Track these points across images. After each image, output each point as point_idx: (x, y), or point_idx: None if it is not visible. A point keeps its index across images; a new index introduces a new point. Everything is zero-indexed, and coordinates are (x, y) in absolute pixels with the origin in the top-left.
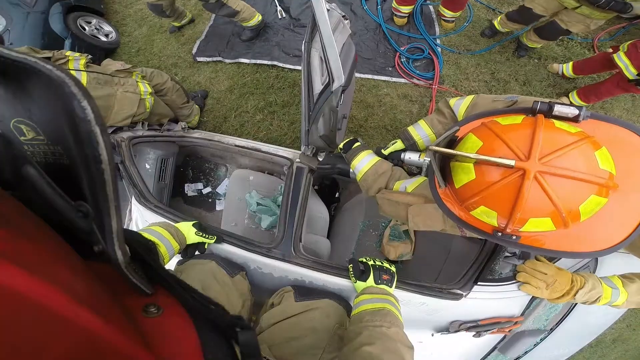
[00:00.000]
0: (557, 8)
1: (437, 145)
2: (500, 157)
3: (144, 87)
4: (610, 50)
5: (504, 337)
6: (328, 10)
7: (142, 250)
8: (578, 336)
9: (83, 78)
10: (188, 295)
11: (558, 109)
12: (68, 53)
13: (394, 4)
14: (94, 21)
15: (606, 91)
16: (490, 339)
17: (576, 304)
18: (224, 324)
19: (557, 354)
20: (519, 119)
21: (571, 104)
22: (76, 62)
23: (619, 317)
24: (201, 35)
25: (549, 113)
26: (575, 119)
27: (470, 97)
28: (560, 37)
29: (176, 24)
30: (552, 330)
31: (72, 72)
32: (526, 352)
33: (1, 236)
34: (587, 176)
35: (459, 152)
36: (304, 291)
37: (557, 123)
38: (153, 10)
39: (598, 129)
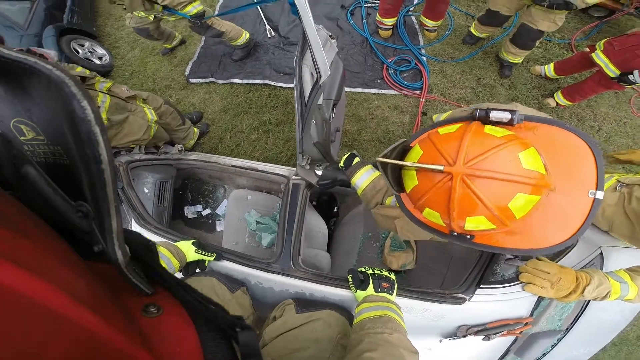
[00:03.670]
0: (519, 7)
1: (384, 156)
2: (433, 164)
3: (150, 115)
4: (587, 49)
5: (516, 339)
6: (317, 30)
7: (142, 250)
8: (596, 335)
9: (107, 101)
10: (188, 295)
11: (493, 115)
12: (87, 72)
13: (378, 17)
14: (87, 44)
15: (589, 89)
16: (501, 341)
17: (589, 302)
18: (224, 324)
19: (578, 354)
20: (455, 127)
21: (552, 109)
22: (102, 84)
23: (638, 314)
24: (193, 57)
25: (486, 119)
26: (510, 123)
27: (447, 113)
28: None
29: (167, 46)
30: (568, 330)
31: (99, 93)
32: (544, 354)
33: (1, 236)
34: (510, 176)
35: (395, 161)
36: (305, 303)
37: (487, 128)
38: (140, 34)
39: (540, 130)
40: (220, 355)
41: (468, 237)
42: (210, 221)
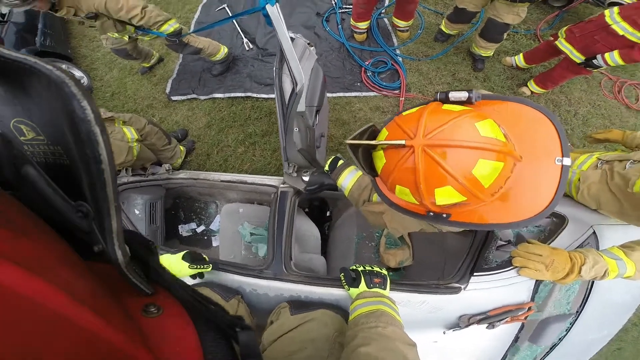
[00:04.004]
0: (484, 2)
1: (353, 139)
2: (395, 140)
3: (130, 134)
4: (551, 38)
5: (522, 325)
6: (293, 39)
7: (142, 250)
8: (610, 316)
9: None
10: (188, 295)
11: (452, 95)
12: None
13: (352, 22)
14: (63, 66)
15: (559, 76)
16: (507, 329)
17: (593, 283)
18: (224, 324)
19: (596, 337)
20: (416, 109)
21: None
22: None
23: None
24: (172, 74)
25: (447, 100)
26: (469, 101)
27: None
28: (507, 33)
29: (146, 65)
30: (578, 313)
31: None
32: (560, 339)
33: (1, 236)
34: (468, 143)
35: (362, 142)
36: (299, 304)
37: (445, 106)
38: (118, 54)
39: (498, 106)
40: (220, 355)
41: (444, 215)
42: (205, 237)
